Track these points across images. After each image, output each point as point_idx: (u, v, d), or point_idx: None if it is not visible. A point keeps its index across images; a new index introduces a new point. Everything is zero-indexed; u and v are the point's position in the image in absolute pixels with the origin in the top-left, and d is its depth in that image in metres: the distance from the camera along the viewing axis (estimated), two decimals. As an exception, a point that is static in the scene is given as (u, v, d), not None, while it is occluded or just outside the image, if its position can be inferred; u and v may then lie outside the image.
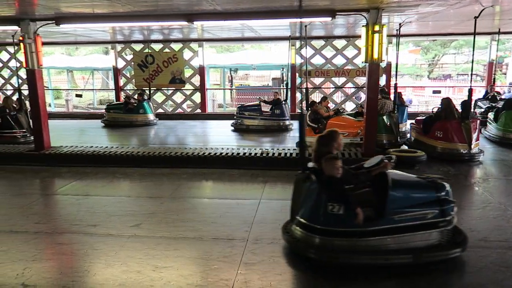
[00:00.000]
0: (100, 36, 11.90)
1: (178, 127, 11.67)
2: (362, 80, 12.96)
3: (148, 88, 12.55)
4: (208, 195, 5.95)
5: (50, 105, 18.53)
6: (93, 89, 22.84)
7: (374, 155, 6.68)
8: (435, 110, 7.79)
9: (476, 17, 6.69)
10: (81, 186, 6.15)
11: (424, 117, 7.79)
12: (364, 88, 7.48)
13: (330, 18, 6.76)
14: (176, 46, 12.99)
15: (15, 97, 10.81)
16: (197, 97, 13.50)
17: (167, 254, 3.73)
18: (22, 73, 13.92)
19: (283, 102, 10.68)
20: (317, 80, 12.97)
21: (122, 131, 11.12)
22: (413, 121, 8.19)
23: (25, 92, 9.34)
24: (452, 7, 6.62)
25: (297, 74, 12.26)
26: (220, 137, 9.99)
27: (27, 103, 9.52)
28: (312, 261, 3.43)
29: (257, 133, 10.33)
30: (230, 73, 21.99)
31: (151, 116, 11.88)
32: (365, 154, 6.84)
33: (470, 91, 7.12)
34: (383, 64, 11.12)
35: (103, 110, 12.58)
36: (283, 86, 19.94)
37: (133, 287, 3.18)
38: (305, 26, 8.40)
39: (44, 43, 7.76)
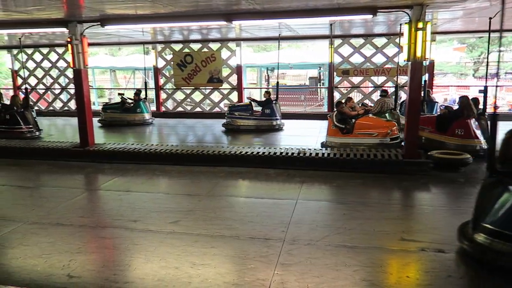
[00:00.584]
0: (141, 37, 12.25)
1: (177, 125, 11.82)
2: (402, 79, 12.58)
3: (144, 88, 12.74)
4: (245, 194, 5.97)
5: (94, 103, 19.31)
6: (134, 88, 23.55)
7: (416, 156, 6.54)
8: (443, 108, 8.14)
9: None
10: (123, 182, 6.36)
11: (432, 116, 8.02)
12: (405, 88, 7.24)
13: (371, 16, 6.59)
14: (214, 46, 13.15)
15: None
16: (234, 96, 13.62)
17: (204, 251, 3.78)
18: (69, 72, 14.64)
19: (274, 102, 10.65)
20: (356, 79, 12.71)
21: (124, 130, 11.46)
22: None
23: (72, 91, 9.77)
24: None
25: (334, 73, 12.07)
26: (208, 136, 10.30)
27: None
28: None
29: (247, 133, 10.30)
30: (267, 72, 21.99)
31: (147, 115, 12.23)
32: (406, 156, 6.63)
33: (486, 89, 7.61)
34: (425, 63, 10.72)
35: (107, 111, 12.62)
36: (320, 85, 19.83)
37: (172, 283, 3.24)
38: (344, 24, 8.25)
39: (89, 44, 8.07)
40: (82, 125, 8.12)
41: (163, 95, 14.24)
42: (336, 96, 12.17)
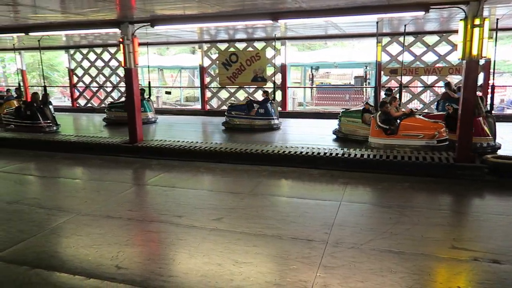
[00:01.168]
0: (188, 37, 12.54)
1: (220, 123, 11.78)
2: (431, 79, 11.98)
3: (147, 87, 12.52)
4: (288, 193, 5.94)
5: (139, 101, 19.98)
6: (180, 87, 24.19)
7: (469, 160, 6.20)
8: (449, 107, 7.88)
9: None
10: (169, 178, 6.54)
11: (441, 114, 8.12)
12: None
13: (423, 13, 6.32)
14: (259, 45, 13.20)
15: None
16: (277, 95, 13.59)
17: (246, 250, 3.80)
18: (120, 71, 15.28)
19: (271, 102, 10.69)
20: (405, 79, 12.24)
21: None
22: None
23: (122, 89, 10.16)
24: None
25: (382, 72, 11.71)
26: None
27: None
28: None
29: (243, 132, 10.27)
30: (311, 71, 21.77)
31: (150, 114, 12.27)
32: (458, 159, 6.31)
33: (493, 87, 7.64)
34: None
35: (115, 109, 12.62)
36: (366, 84, 19.34)
37: (214, 279, 3.28)
38: (393, 21, 7.97)
39: (139, 44, 8.36)
40: (131, 121, 8.43)
41: (208, 94, 14.50)
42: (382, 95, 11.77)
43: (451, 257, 3.61)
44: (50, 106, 10.92)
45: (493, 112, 7.73)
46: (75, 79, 16.20)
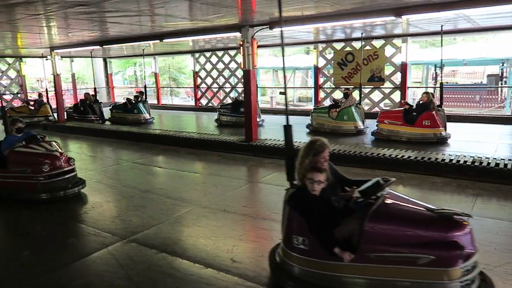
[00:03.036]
0: (304, 37, 12.59)
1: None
2: None
3: (144, 87, 14.06)
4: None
5: (257, 101, 20.79)
6: (293, 87, 24.48)
7: None
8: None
9: None
10: (281, 177, 6.59)
11: (399, 110, 9.06)
12: None
13: None
14: (377, 43, 12.60)
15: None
16: (396, 96, 12.81)
17: (360, 257, 3.63)
18: (238, 73, 16.11)
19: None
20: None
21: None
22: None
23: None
24: None
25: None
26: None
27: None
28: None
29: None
30: (435, 70, 20.01)
31: (146, 115, 13.56)
32: None
33: (442, 85, 9.31)
34: None
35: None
36: (501, 84, 17.02)
37: (326, 284, 3.20)
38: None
39: (257, 46, 8.66)
40: (248, 120, 8.79)
41: (321, 94, 14.37)
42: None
43: None
44: (93, 105, 13.86)
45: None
46: (199, 80, 17.59)
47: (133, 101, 13.91)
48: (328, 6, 6.32)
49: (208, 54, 16.83)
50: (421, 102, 8.76)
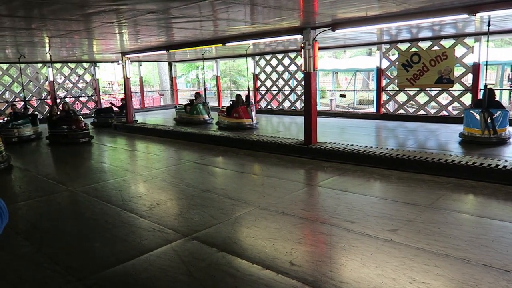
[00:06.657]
0: (367, 38, 12.23)
1: (397, 128, 10.71)
2: None
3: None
4: (477, 212, 5.13)
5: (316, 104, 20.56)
6: (354, 90, 23.90)
7: None
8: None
9: None
10: (340, 181, 6.50)
11: (227, 106, 12.48)
12: None
13: None
14: (446, 43, 11.90)
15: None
16: (466, 99, 12.01)
17: (425, 268, 3.45)
18: (297, 75, 16.04)
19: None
20: None
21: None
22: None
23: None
24: None
25: None
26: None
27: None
28: None
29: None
30: (511, 70, 18.47)
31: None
32: None
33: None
34: None
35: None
36: None
37: (388, 294, 3.09)
38: None
39: (318, 48, 8.57)
40: (307, 123, 8.72)
41: (384, 97, 13.87)
42: None
43: None
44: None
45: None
46: (258, 83, 17.77)
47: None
48: (395, 5, 6.08)
49: (268, 56, 16.95)
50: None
